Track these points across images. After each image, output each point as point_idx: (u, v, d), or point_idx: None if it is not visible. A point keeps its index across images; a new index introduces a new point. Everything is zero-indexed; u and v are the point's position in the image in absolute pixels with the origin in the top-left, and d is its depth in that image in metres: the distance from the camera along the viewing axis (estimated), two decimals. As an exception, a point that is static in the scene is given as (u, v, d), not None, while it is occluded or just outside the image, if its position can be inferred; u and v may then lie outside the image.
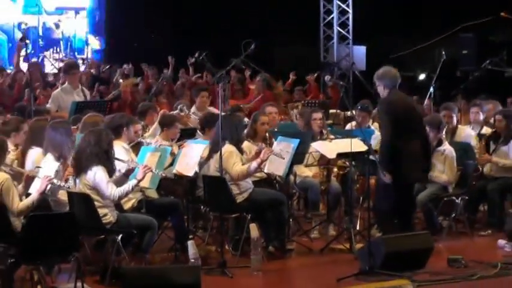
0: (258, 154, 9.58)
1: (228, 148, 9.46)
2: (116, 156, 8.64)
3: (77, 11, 15.79)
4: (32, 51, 15.64)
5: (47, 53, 16.30)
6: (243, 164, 9.47)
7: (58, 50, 15.78)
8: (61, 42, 15.74)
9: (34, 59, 15.51)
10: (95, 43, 18.22)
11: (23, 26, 15.71)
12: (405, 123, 9.36)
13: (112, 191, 8.35)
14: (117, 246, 8.43)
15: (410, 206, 9.85)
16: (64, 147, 8.67)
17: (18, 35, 15.61)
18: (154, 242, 8.94)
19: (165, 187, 9.78)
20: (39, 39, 15.58)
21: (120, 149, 8.96)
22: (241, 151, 9.67)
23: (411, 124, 9.47)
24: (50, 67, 15.84)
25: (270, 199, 9.62)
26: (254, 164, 9.40)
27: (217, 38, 14.33)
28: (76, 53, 16.38)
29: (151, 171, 8.60)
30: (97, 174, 8.33)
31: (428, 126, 10.53)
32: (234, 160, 9.41)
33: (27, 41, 13.34)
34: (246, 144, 9.97)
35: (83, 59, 16.60)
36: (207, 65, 10.46)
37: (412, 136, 9.44)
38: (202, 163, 9.74)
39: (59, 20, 15.90)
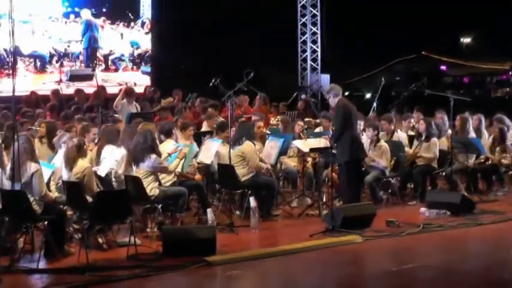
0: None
1: (250, 145, 9.51)
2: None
3: (77, 41, 16.87)
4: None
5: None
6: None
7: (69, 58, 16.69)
8: (69, 54, 16.56)
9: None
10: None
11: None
12: (351, 118, 9.57)
13: (167, 166, 8.57)
14: (158, 212, 8.47)
15: (361, 180, 9.94)
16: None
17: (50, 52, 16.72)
18: (186, 204, 8.90)
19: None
20: (61, 53, 16.64)
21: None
22: (254, 144, 9.69)
23: (354, 119, 9.66)
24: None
25: (265, 183, 9.57)
26: (264, 167, 9.58)
27: (227, 68, 14.26)
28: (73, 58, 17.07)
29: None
30: (156, 160, 8.41)
31: (370, 128, 10.60)
32: (255, 157, 9.48)
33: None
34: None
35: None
36: (220, 87, 10.42)
37: (354, 127, 9.71)
38: (218, 155, 9.75)
39: (68, 46, 16.70)
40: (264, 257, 7.78)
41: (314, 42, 20.47)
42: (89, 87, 15.50)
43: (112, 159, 8.67)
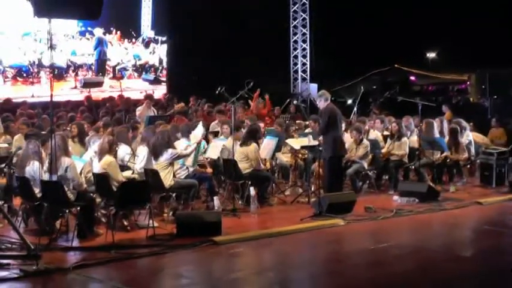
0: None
1: (254, 147, 9.41)
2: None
3: (89, 54, 17.32)
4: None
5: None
6: None
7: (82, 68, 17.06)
8: (83, 65, 17.13)
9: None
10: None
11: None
12: (336, 121, 9.52)
13: (183, 151, 8.55)
14: (172, 199, 8.46)
15: (342, 173, 9.86)
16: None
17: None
18: (196, 195, 8.85)
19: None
20: (75, 64, 17.04)
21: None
22: (258, 143, 9.65)
23: (338, 121, 9.59)
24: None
25: (262, 175, 9.52)
26: (262, 166, 9.49)
27: (231, 78, 14.25)
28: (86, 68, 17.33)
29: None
30: (172, 152, 8.38)
31: (354, 131, 10.58)
32: (258, 157, 9.38)
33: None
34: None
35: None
36: (225, 94, 10.40)
37: (338, 128, 9.61)
38: (224, 151, 9.72)
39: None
40: (262, 237, 7.76)
41: (304, 56, 20.51)
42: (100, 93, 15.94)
43: (143, 152, 8.69)
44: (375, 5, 22.39)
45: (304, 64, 20.56)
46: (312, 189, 10.12)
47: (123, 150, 8.82)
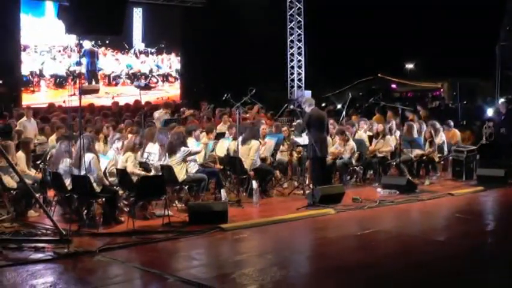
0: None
1: (256, 143, 9.37)
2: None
3: (80, 64, 17.17)
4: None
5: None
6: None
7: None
8: (80, 74, 16.47)
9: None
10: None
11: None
12: (315, 124, 9.31)
13: (192, 148, 8.54)
14: (185, 191, 8.44)
15: (324, 170, 9.60)
16: (164, 142, 8.63)
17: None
18: (205, 188, 8.79)
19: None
20: (74, 73, 16.66)
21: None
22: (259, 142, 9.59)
23: (321, 125, 9.38)
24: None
25: (264, 170, 9.51)
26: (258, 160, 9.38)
27: (236, 86, 14.22)
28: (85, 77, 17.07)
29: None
30: (185, 149, 8.36)
31: (338, 134, 10.53)
32: (253, 153, 9.30)
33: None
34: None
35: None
36: (230, 100, 10.39)
37: (321, 130, 9.38)
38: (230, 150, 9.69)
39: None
40: (263, 224, 7.74)
41: (299, 67, 20.50)
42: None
43: (155, 150, 8.67)
44: (360, 23, 22.43)
45: (299, 74, 20.54)
46: (306, 182, 10.11)
47: (149, 147, 8.83)
